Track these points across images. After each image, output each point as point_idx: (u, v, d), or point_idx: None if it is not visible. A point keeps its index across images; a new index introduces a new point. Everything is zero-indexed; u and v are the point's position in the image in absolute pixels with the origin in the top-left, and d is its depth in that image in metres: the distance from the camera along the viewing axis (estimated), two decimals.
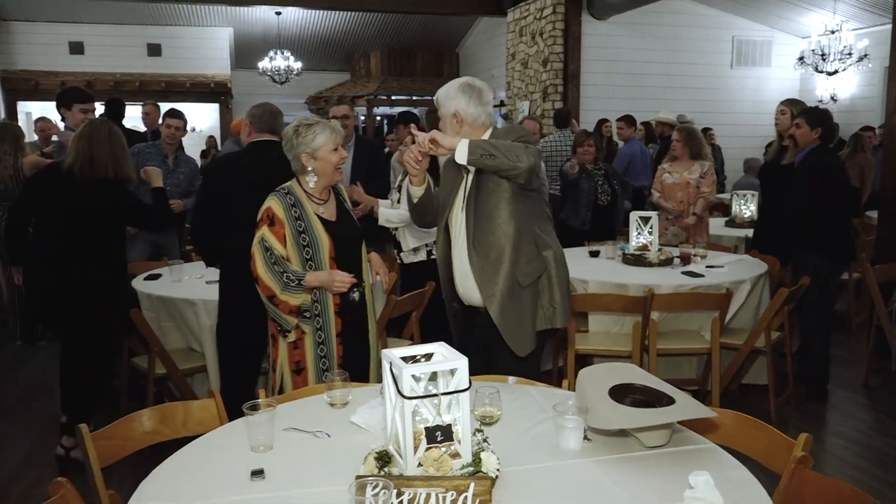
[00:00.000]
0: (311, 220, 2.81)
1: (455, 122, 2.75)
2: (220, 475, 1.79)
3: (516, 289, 2.73)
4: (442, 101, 2.80)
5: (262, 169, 3.25)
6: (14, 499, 3.34)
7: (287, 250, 2.78)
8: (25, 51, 12.79)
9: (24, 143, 5.62)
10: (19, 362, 5.29)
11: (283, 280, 2.73)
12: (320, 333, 2.85)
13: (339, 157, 2.84)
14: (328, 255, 2.81)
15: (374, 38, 15.16)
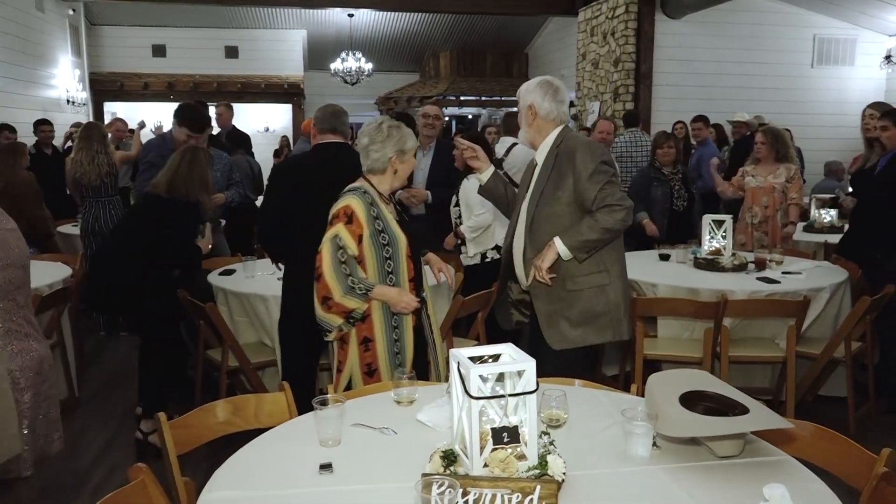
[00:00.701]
0: (387, 219, 2.83)
1: (529, 113, 2.97)
2: (289, 467, 1.84)
3: (563, 292, 2.89)
4: (522, 94, 3.01)
5: (326, 170, 3.32)
6: (96, 481, 3.50)
7: (362, 250, 2.76)
8: (112, 53, 13.37)
9: (109, 142, 5.89)
10: (102, 352, 5.54)
11: (348, 284, 2.70)
12: (396, 332, 2.85)
13: (414, 162, 2.94)
14: (405, 254, 2.83)
15: (444, 38, 15.23)
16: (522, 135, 3.04)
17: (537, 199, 2.93)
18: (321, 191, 3.11)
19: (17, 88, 9.07)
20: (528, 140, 3.04)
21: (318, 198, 3.12)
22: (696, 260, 4.43)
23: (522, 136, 3.06)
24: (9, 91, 8.75)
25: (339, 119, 3.44)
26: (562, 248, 2.82)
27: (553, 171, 2.91)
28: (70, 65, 11.08)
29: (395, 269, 2.82)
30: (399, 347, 2.87)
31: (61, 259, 4.97)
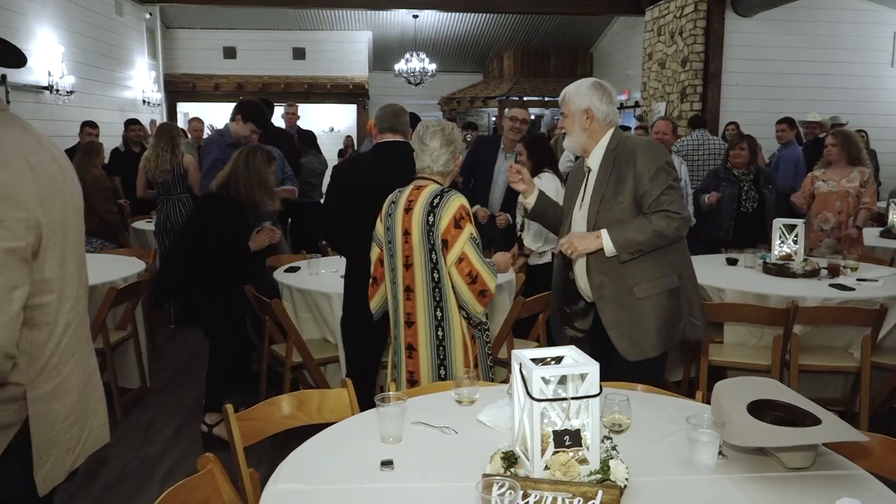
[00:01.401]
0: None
1: (585, 118, 2.83)
2: (351, 462, 1.87)
3: (631, 299, 2.79)
4: (572, 98, 2.86)
5: (386, 168, 3.37)
6: (165, 469, 3.62)
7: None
8: (185, 55, 13.81)
9: (181, 143, 6.05)
10: (172, 344, 5.73)
11: (492, 270, 2.76)
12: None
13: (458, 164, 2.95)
14: None
15: (508, 39, 15.20)
16: (574, 140, 2.90)
17: (597, 206, 2.81)
18: (381, 188, 3.16)
19: (97, 89, 9.46)
20: (580, 145, 2.89)
21: (378, 195, 3.18)
22: (766, 265, 4.31)
23: (573, 142, 2.90)
24: (90, 92, 9.13)
25: (399, 118, 3.49)
26: (607, 241, 2.71)
27: (612, 174, 2.80)
28: (146, 66, 11.49)
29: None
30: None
31: (135, 254, 5.16)
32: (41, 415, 1.50)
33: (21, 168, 1.43)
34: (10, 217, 1.36)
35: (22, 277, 1.38)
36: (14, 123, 1.53)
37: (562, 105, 2.91)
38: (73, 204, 1.60)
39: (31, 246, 1.41)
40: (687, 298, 2.86)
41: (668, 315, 2.80)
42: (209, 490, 1.83)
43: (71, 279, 1.56)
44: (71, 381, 1.57)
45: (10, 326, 1.35)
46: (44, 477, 1.53)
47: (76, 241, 1.61)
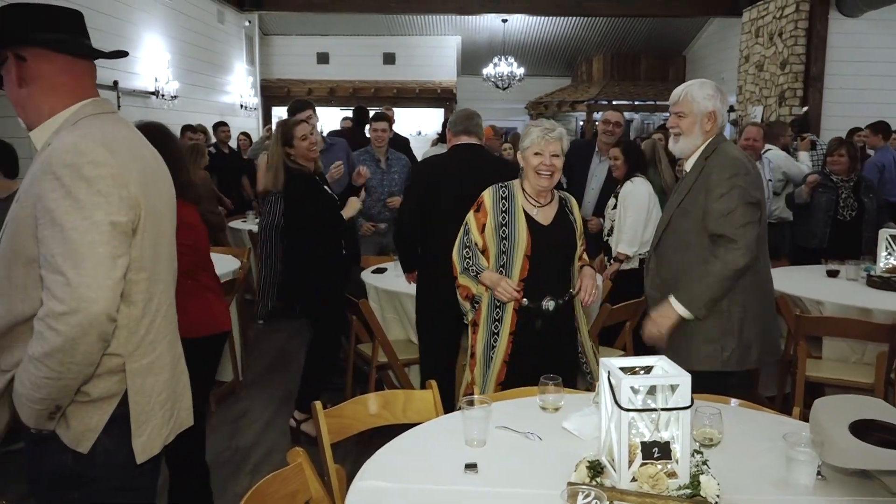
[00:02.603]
0: (516, 215, 2.85)
1: (707, 120, 2.75)
2: (436, 464, 1.88)
3: None
4: (696, 98, 2.76)
5: (461, 169, 3.40)
6: (254, 461, 3.75)
7: (485, 239, 2.89)
8: (281, 61, 14.28)
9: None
10: (261, 341, 5.92)
11: (464, 265, 2.92)
12: (497, 324, 2.90)
13: (538, 162, 2.81)
14: (523, 253, 2.83)
15: (598, 42, 15.00)
16: (690, 142, 2.77)
17: (672, 211, 2.77)
18: (455, 190, 3.26)
19: (198, 94, 9.90)
20: (686, 149, 2.80)
21: (453, 197, 3.25)
22: (870, 278, 4.08)
23: (688, 144, 2.78)
24: (192, 97, 9.57)
25: (473, 121, 3.54)
26: (680, 309, 2.66)
27: (696, 183, 2.72)
28: (244, 72, 11.94)
29: (508, 265, 2.86)
30: (496, 341, 2.89)
31: (232, 252, 5.37)
32: (138, 387, 1.62)
33: (127, 155, 1.58)
34: (115, 194, 1.51)
35: (123, 249, 1.52)
36: (120, 121, 1.70)
37: (679, 104, 2.78)
38: (168, 196, 1.75)
39: (131, 222, 1.55)
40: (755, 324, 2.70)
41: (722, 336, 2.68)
42: (298, 483, 1.88)
43: (162, 265, 1.69)
44: (164, 360, 1.69)
45: (113, 290, 1.48)
46: (141, 446, 1.64)
47: (169, 230, 1.74)
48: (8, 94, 1.64)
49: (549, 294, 2.85)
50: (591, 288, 2.88)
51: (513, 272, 2.85)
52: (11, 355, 1.54)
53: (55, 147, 1.51)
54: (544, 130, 2.82)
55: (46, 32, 1.61)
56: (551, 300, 2.85)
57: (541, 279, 2.85)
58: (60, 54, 1.62)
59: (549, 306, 2.85)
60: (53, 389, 1.47)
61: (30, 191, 1.52)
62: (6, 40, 1.59)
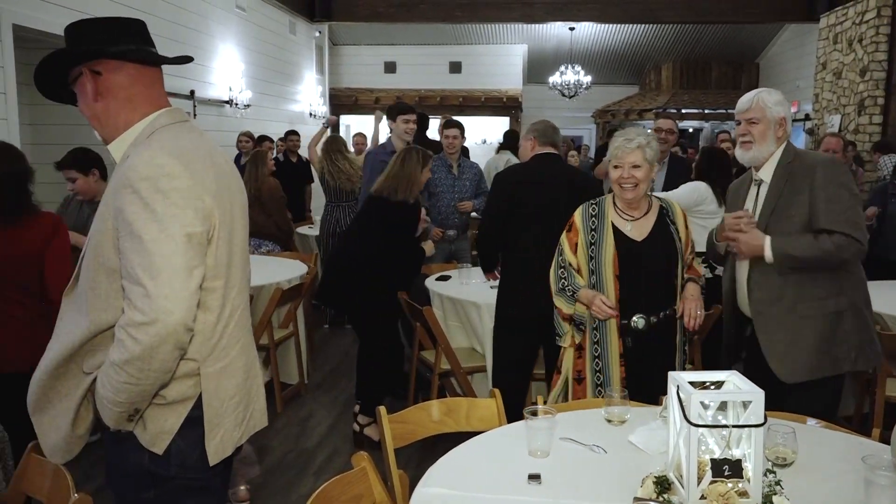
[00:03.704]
0: (605, 231, 2.79)
1: (779, 126, 2.72)
2: (499, 473, 1.88)
3: (791, 318, 2.64)
4: (770, 105, 2.71)
5: (545, 181, 3.40)
6: (318, 463, 3.81)
7: (578, 258, 2.84)
8: (349, 70, 14.53)
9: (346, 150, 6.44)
10: (327, 345, 6.02)
11: (560, 285, 2.87)
12: (597, 348, 2.82)
13: (618, 175, 2.74)
14: (611, 272, 2.76)
15: (667, 50, 14.74)
16: (764, 149, 2.70)
17: (767, 218, 2.70)
18: (539, 199, 3.30)
19: (269, 103, 10.15)
20: (761, 157, 2.72)
21: (535, 206, 3.27)
22: None
23: (762, 152, 2.71)
24: (263, 105, 9.82)
25: (557, 134, 3.61)
26: (768, 250, 2.60)
27: (787, 187, 2.67)
28: (314, 81, 12.19)
29: (598, 285, 2.79)
30: (600, 365, 2.83)
31: (299, 258, 5.48)
32: (212, 390, 1.66)
33: (202, 165, 1.63)
34: (191, 206, 1.55)
35: (199, 259, 1.56)
36: (193, 130, 1.74)
37: (752, 111, 2.72)
38: (240, 204, 1.78)
39: (206, 233, 1.59)
40: (857, 324, 2.65)
41: (829, 337, 2.62)
42: (362, 487, 1.91)
43: (236, 270, 1.72)
44: (237, 364, 1.72)
45: (190, 300, 1.52)
46: (214, 448, 1.68)
47: (242, 237, 1.78)
48: (83, 109, 1.69)
49: (643, 311, 2.75)
50: (694, 311, 2.76)
51: (606, 292, 2.77)
52: (94, 358, 1.60)
53: (133, 161, 1.56)
54: (624, 141, 2.76)
55: (119, 44, 1.66)
56: (642, 317, 2.75)
57: (634, 296, 2.77)
58: (133, 64, 1.67)
59: (637, 324, 2.75)
60: (132, 394, 1.52)
61: (111, 203, 1.58)
62: (82, 56, 1.64)
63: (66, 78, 1.70)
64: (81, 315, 1.61)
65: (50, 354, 1.64)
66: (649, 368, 2.76)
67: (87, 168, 3.76)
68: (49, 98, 1.77)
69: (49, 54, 1.65)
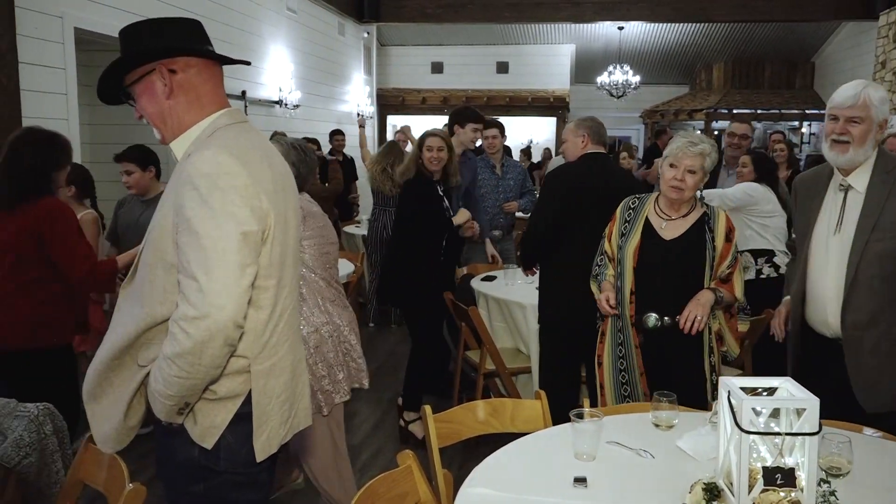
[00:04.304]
0: (635, 227, 2.80)
1: (879, 129, 2.48)
2: (544, 475, 1.87)
3: (888, 343, 2.44)
4: (874, 103, 2.45)
5: (597, 183, 3.36)
6: (363, 461, 3.85)
7: (612, 247, 2.90)
8: (396, 71, 14.62)
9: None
10: (372, 343, 6.07)
11: (594, 272, 2.98)
12: (620, 335, 2.87)
13: (671, 175, 2.70)
14: (630, 266, 2.78)
15: (719, 49, 14.45)
16: (864, 152, 2.46)
17: (868, 234, 2.43)
18: (589, 202, 3.25)
19: (318, 103, 10.28)
20: (857, 161, 2.47)
21: (586, 206, 3.25)
22: None
23: (861, 155, 2.46)
24: (312, 106, 9.94)
25: (605, 132, 3.56)
26: None
27: (890, 199, 2.42)
28: (362, 82, 12.29)
29: (621, 276, 2.82)
30: (623, 352, 2.84)
31: (346, 257, 5.54)
32: (261, 388, 1.68)
33: (260, 165, 1.66)
34: (247, 205, 1.57)
35: (252, 258, 1.58)
36: (251, 131, 1.78)
37: (856, 108, 2.44)
38: (293, 204, 1.81)
39: (261, 232, 1.61)
40: None
41: None
42: (407, 486, 1.92)
43: (288, 270, 1.75)
44: (284, 362, 1.75)
45: (241, 298, 1.54)
46: (261, 445, 1.71)
47: (294, 237, 1.80)
48: (149, 107, 1.72)
49: (657, 310, 2.73)
50: (692, 315, 2.65)
51: (625, 283, 2.80)
52: (148, 351, 1.65)
53: (194, 158, 1.59)
54: (687, 143, 2.70)
55: (195, 43, 1.71)
56: (652, 316, 2.73)
57: (651, 294, 2.76)
58: (204, 64, 1.71)
59: (648, 322, 2.73)
60: (182, 387, 1.55)
61: (171, 199, 1.62)
62: (161, 53, 1.67)
63: (123, 78, 1.72)
64: (137, 308, 1.65)
65: (106, 345, 1.69)
66: (667, 366, 2.77)
67: (145, 164, 3.89)
68: (103, 99, 1.79)
69: (129, 51, 1.67)
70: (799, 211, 2.74)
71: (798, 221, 2.77)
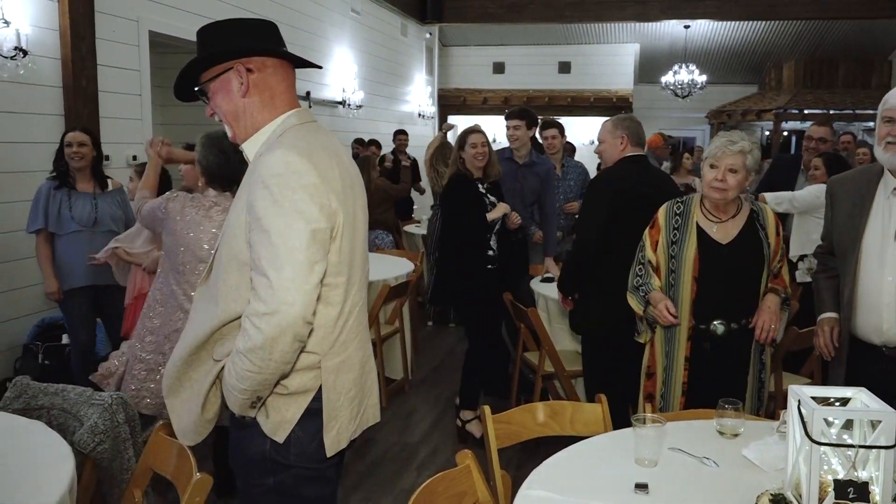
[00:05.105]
0: (687, 233, 2.72)
1: None
2: (604, 480, 1.85)
3: None
4: None
5: (638, 186, 3.27)
6: (421, 458, 3.87)
7: (658, 257, 2.79)
8: (458, 72, 14.66)
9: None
10: (431, 342, 6.11)
11: (634, 282, 2.84)
12: (668, 346, 2.80)
13: (712, 176, 2.62)
14: (690, 275, 2.69)
15: (789, 47, 14.01)
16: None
17: None
18: (633, 205, 3.16)
19: (380, 104, 10.40)
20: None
21: (628, 213, 3.16)
22: None
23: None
24: (375, 106, 10.07)
25: (644, 132, 3.43)
26: None
27: None
28: (423, 82, 12.38)
29: (676, 285, 2.73)
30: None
31: (406, 256, 5.59)
32: (331, 384, 1.71)
33: (328, 165, 1.68)
34: (317, 203, 1.60)
35: (321, 255, 1.60)
36: (321, 131, 1.81)
37: None
38: (361, 203, 1.83)
39: (330, 229, 1.64)
40: None
41: None
42: (465, 485, 1.92)
43: (357, 267, 1.77)
44: (354, 359, 1.77)
45: (310, 295, 1.57)
46: (331, 440, 1.74)
47: (363, 236, 1.83)
48: (224, 105, 1.76)
49: (723, 316, 2.68)
50: (768, 324, 2.62)
51: (681, 293, 2.72)
52: (223, 347, 1.70)
53: (266, 158, 1.63)
54: (726, 142, 2.65)
55: (272, 44, 1.75)
56: (721, 323, 2.67)
57: (713, 300, 2.69)
58: (281, 65, 1.75)
59: (716, 329, 2.68)
60: (254, 382, 1.59)
61: (243, 198, 1.66)
62: (241, 52, 1.72)
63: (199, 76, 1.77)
64: (212, 305, 1.70)
65: (184, 342, 1.75)
66: (716, 376, 2.70)
67: None
68: (178, 96, 1.84)
69: (211, 50, 1.72)
70: (838, 214, 2.61)
71: (839, 226, 2.60)
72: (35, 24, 4.26)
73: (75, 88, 4.48)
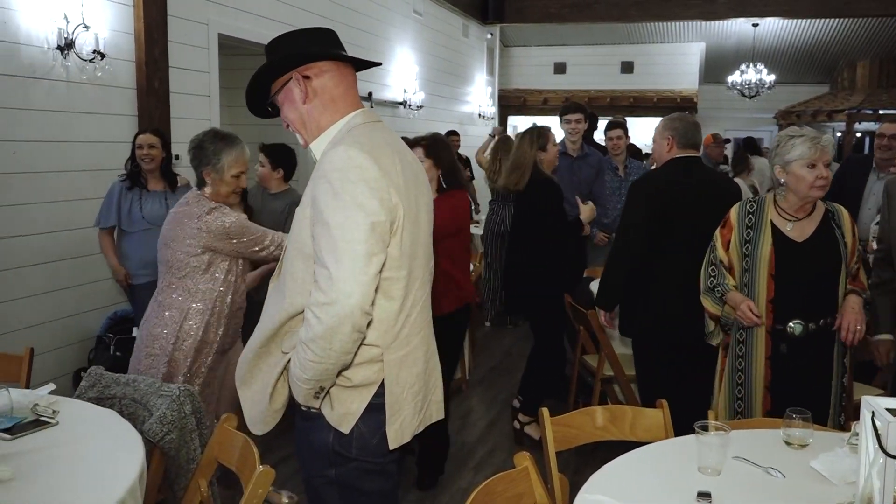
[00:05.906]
0: (763, 230, 2.67)
1: None
2: (666, 487, 1.83)
3: None
4: None
5: (681, 188, 3.17)
6: (477, 459, 3.88)
7: (730, 256, 2.74)
8: (519, 72, 14.62)
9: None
10: (489, 342, 6.10)
11: (709, 283, 2.78)
12: (741, 347, 2.74)
13: (814, 176, 2.57)
14: (766, 272, 2.64)
15: (863, 45, 13.49)
16: None
17: None
18: (678, 207, 3.10)
19: (441, 104, 10.44)
20: None
21: (673, 215, 3.11)
22: None
23: None
24: (435, 106, 10.12)
25: (700, 134, 3.33)
26: None
27: None
28: (484, 83, 12.37)
29: (751, 284, 2.68)
30: (742, 364, 2.71)
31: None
32: (394, 377, 1.74)
33: (390, 161, 1.71)
34: (377, 197, 1.63)
35: (380, 248, 1.63)
36: (385, 129, 1.85)
37: None
38: (425, 201, 1.85)
39: (389, 223, 1.66)
40: None
41: None
42: (523, 487, 1.92)
43: (419, 263, 1.79)
44: (417, 353, 1.79)
45: (368, 285, 1.60)
46: (394, 434, 1.76)
47: (426, 233, 1.84)
48: (288, 114, 1.83)
49: (801, 316, 2.62)
50: (853, 325, 2.58)
51: (757, 292, 2.67)
52: (291, 339, 1.74)
53: (329, 155, 1.68)
54: (814, 140, 2.59)
55: (328, 49, 1.80)
56: (799, 323, 2.62)
57: (790, 300, 2.63)
58: (337, 68, 1.80)
59: (794, 330, 2.63)
60: (316, 372, 1.63)
61: (309, 193, 1.71)
62: (295, 60, 1.77)
63: (268, 91, 1.84)
64: (282, 299, 1.75)
65: (256, 335, 1.81)
66: (799, 378, 2.62)
67: (276, 164, 4.19)
68: (255, 112, 1.91)
69: (265, 63, 1.79)
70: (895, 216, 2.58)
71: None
72: (112, 28, 4.42)
73: (148, 90, 4.63)
